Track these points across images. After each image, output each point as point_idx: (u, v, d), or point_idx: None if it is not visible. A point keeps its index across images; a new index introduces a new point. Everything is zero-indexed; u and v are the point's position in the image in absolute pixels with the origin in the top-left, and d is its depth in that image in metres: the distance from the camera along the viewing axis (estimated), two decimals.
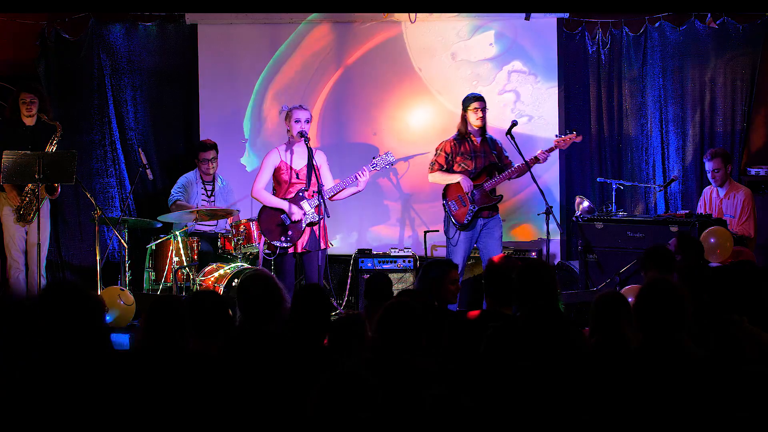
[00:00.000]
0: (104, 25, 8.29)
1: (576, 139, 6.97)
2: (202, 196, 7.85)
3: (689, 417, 3.40)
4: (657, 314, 3.54)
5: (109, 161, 8.38)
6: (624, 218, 7.21)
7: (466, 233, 6.95)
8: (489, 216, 6.98)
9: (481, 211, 6.94)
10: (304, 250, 6.61)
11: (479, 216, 6.95)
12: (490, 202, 6.93)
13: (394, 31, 8.29)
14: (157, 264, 7.39)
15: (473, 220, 6.93)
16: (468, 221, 6.92)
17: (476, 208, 6.91)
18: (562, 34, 8.15)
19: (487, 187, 6.91)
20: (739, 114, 7.96)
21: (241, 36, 8.39)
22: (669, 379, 3.45)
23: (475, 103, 6.95)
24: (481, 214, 6.95)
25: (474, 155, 6.98)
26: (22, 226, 7.19)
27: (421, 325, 3.66)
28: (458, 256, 6.94)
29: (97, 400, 3.41)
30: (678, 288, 3.60)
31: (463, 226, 6.93)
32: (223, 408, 3.54)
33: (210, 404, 3.53)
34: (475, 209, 6.91)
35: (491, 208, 6.98)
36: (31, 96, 7.20)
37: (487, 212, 6.97)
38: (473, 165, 6.97)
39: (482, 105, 6.97)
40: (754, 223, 7.11)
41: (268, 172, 6.70)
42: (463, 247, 6.97)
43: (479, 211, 6.93)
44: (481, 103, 6.97)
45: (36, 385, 3.40)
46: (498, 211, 7.05)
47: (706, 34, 7.94)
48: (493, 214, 7.00)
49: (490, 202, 6.93)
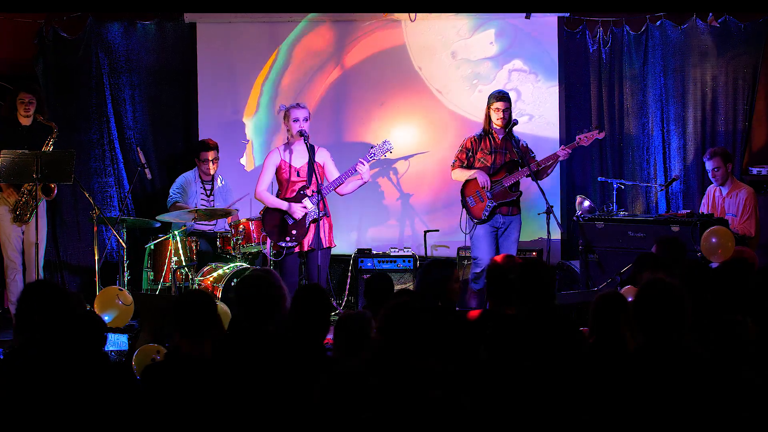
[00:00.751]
0: (102, 23, 8.25)
1: (599, 135, 6.93)
2: (201, 196, 7.82)
3: (690, 417, 3.40)
4: (656, 314, 3.53)
5: (108, 160, 8.35)
6: (625, 218, 7.20)
7: (486, 227, 6.91)
8: (509, 213, 6.93)
9: (500, 207, 6.90)
10: (310, 249, 6.60)
11: (498, 212, 6.91)
12: (507, 197, 6.88)
13: (394, 30, 8.26)
14: (156, 264, 7.36)
15: (491, 216, 6.91)
16: (486, 217, 6.91)
17: (494, 204, 6.88)
18: (563, 33, 8.11)
19: (505, 183, 6.87)
20: (740, 113, 7.92)
21: (240, 34, 8.36)
22: (669, 379, 3.44)
23: (497, 103, 6.91)
24: (500, 210, 6.91)
25: (494, 151, 6.95)
26: (18, 226, 7.16)
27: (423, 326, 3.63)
28: (482, 250, 6.89)
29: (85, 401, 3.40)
30: (677, 287, 3.59)
31: (481, 221, 6.92)
32: (219, 409, 3.52)
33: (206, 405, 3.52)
34: (492, 205, 6.88)
35: (510, 205, 6.92)
36: (30, 96, 7.18)
37: (507, 208, 6.92)
38: (492, 161, 6.94)
39: (505, 105, 6.91)
40: (755, 222, 7.08)
41: (269, 173, 6.70)
42: (486, 241, 6.91)
43: (497, 207, 6.89)
44: (504, 104, 6.91)
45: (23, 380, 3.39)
46: (519, 211, 7.00)
47: (708, 33, 7.90)
48: (514, 212, 6.95)
49: (508, 198, 6.88)
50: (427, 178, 8.28)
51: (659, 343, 3.52)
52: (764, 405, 3.49)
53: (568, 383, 3.62)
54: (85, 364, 3.55)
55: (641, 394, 3.46)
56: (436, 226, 8.12)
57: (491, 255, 6.71)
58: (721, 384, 3.45)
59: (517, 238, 6.98)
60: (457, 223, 7.09)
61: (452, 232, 8.06)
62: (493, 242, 6.95)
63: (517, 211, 6.98)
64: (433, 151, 8.23)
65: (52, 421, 3.40)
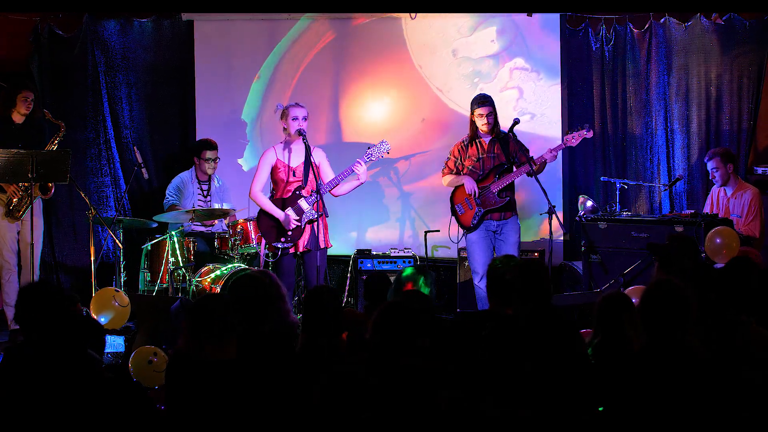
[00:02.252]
0: (98, 21, 8.20)
1: (587, 134, 6.80)
2: (198, 196, 7.74)
3: (693, 417, 3.41)
4: (662, 315, 3.54)
5: (104, 160, 8.29)
6: (628, 218, 7.14)
7: (479, 232, 6.79)
8: (501, 218, 6.79)
9: (490, 213, 6.78)
10: (306, 249, 6.53)
11: (488, 218, 6.79)
12: (496, 204, 6.77)
13: (394, 28, 8.21)
14: (153, 264, 7.29)
15: (479, 223, 6.79)
16: (474, 225, 6.79)
17: (482, 211, 6.77)
18: (565, 31, 8.04)
19: (493, 189, 6.76)
20: (745, 112, 7.85)
21: (238, 32, 8.32)
22: (673, 380, 3.45)
23: (479, 109, 6.75)
24: (491, 216, 6.78)
25: (481, 157, 6.84)
26: (11, 222, 7.07)
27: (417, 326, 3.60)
28: (477, 258, 6.78)
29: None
30: (682, 288, 3.60)
31: (469, 229, 6.81)
32: (219, 411, 3.51)
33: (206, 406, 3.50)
34: (481, 212, 6.77)
35: (501, 210, 6.79)
36: (32, 94, 7.14)
37: (498, 214, 6.79)
38: (480, 167, 6.83)
39: (488, 110, 6.74)
40: (760, 223, 7.03)
41: (265, 172, 6.64)
42: (479, 247, 6.79)
43: (486, 213, 6.78)
44: (487, 108, 6.74)
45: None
46: (514, 213, 6.85)
47: (712, 31, 7.84)
48: (507, 217, 6.80)
49: (497, 204, 6.77)
50: (428, 177, 8.20)
51: (663, 344, 3.53)
52: (765, 405, 3.54)
53: (566, 383, 3.61)
54: (78, 367, 3.52)
55: (645, 393, 3.47)
56: (437, 226, 8.04)
57: (487, 260, 6.61)
58: (724, 384, 3.47)
59: (516, 240, 6.81)
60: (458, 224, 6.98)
61: (453, 232, 8.00)
62: (489, 246, 6.82)
63: (511, 214, 6.82)
64: (433, 151, 8.16)
65: (44, 422, 3.38)
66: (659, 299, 3.56)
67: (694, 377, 3.45)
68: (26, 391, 3.41)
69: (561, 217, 7.59)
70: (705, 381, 3.45)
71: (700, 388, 3.43)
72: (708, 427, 3.40)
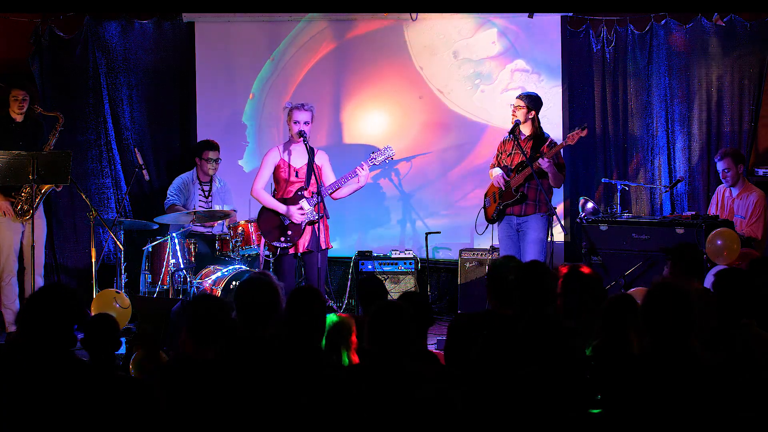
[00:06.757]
0: (99, 22, 8.19)
1: (582, 133, 6.78)
2: (200, 197, 7.73)
3: (693, 421, 3.40)
4: (665, 318, 3.52)
5: (105, 161, 8.28)
6: (629, 220, 7.14)
7: (504, 228, 6.88)
8: (522, 214, 6.80)
9: (510, 207, 6.82)
10: (306, 250, 6.53)
11: (508, 213, 6.84)
12: (511, 198, 6.80)
13: (394, 29, 8.19)
14: (154, 266, 7.28)
15: (500, 217, 6.88)
16: (494, 217, 6.93)
17: (501, 206, 6.83)
18: (566, 32, 8.03)
19: (513, 184, 6.80)
20: (746, 113, 7.84)
21: (239, 34, 8.31)
22: (677, 383, 3.44)
23: (514, 101, 6.93)
24: (512, 210, 6.82)
25: (513, 152, 6.89)
26: (17, 222, 7.06)
27: (412, 327, 3.61)
28: (504, 252, 6.86)
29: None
30: (686, 291, 3.58)
31: (491, 221, 7.00)
32: (218, 412, 3.50)
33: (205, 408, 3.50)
34: (500, 206, 6.84)
35: (516, 204, 6.79)
36: (23, 93, 7.12)
37: (519, 208, 6.80)
38: (511, 162, 6.89)
39: (519, 103, 6.86)
40: (763, 225, 7.02)
41: (267, 171, 6.64)
42: (505, 244, 6.88)
43: (505, 207, 6.83)
44: (517, 101, 6.89)
45: None
46: (537, 211, 6.78)
47: (713, 32, 7.83)
48: (528, 212, 6.79)
49: (511, 198, 6.80)
50: (429, 179, 8.20)
51: (666, 347, 3.51)
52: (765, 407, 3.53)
53: (563, 386, 3.61)
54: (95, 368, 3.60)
55: (647, 396, 3.46)
56: (438, 227, 8.04)
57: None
58: (726, 388, 3.46)
59: (535, 238, 6.77)
60: (459, 225, 7.04)
61: (454, 233, 8.01)
62: (515, 244, 6.87)
63: (532, 211, 6.79)
64: (434, 152, 8.15)
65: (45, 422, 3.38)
66: (662, 302, 3.54)
67: (699, 380, 3.44)
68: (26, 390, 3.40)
69: (562, 218, 7.59)
70: (709, 384, 3.44)
71: (703, 391, 3.42)
72: (708, 428, 3.40)
